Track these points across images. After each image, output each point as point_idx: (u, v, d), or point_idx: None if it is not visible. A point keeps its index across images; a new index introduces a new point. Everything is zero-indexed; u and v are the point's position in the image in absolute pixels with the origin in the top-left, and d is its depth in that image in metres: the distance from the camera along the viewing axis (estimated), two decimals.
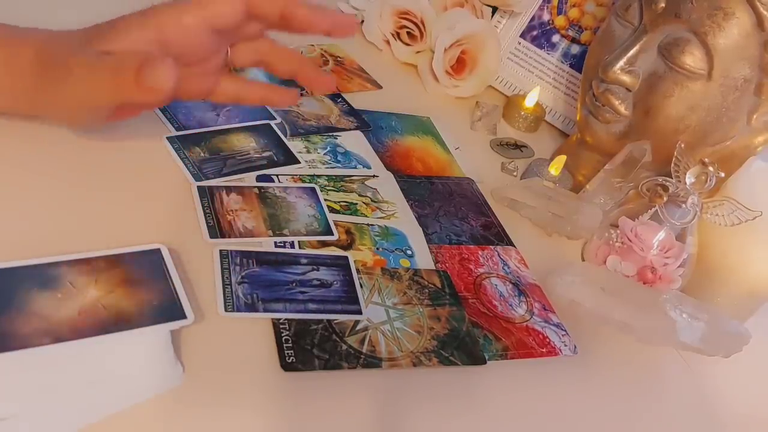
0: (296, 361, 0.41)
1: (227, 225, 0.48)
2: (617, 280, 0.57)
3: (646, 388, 0.53)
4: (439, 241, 0.55)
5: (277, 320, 0.43)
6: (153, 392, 0.37)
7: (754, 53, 0.57)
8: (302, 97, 0.65)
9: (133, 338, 0.38)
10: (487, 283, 0.53)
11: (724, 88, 0.59)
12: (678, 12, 0.58)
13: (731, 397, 0.57)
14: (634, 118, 0.63)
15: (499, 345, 0.48)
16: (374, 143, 0.63)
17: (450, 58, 0.75)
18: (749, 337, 0.54)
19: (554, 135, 0.79)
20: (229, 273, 0.45)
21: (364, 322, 0.45)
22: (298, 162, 0.57)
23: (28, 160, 0.47)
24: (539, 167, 0.67)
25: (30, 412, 0.34)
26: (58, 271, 0.39)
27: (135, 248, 0.43)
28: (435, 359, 0.45)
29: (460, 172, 0.65)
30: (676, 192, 0.58)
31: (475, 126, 0.74)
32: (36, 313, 0.37)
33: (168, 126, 0.55)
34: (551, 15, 0.79)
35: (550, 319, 0.52)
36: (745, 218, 0.56)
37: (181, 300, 0.40)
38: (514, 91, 0.81)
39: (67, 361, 0.36)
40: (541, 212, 0.62)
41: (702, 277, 0.60)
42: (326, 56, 0.74)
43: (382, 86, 0.73)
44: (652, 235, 0.57)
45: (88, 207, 0.46)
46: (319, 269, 0.48)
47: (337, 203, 0.54)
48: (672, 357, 0.56)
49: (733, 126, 0.62)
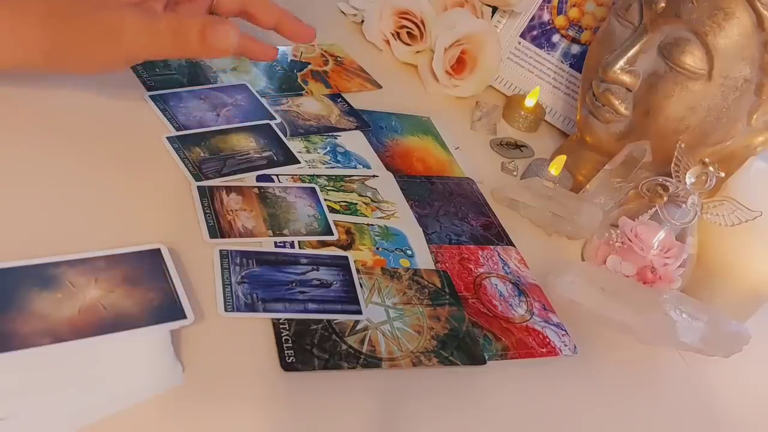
0: (296, 361, 0.41)
1: (227, 225, 0.48)
2: (617, 280, 0.56)
3: (646, 388, 0.53)
4: (439, 241, 0.55)
5: (277, 320, 0.43)
6: (153, 392, 0.37)
7: (754, 53, 0.57)
8: (302, 97, 0.65)
9: (133, 338, 0.38)
10: (487, 283, 0.53)
11: (725, 88, 0.59)
12: (678, 12, 0.58)
13: (731, 397, 0.57)
14: (634, 118, 0.63)
15: (499, 345, 0.48)
16: (374, 143, 0.63)
17: (450, 58, 0.75)
18: (749, 337, 0.54)
19: (554, 135, 0.79)
20: (229, 273, 0.45)
21: (364, 322, 0.45)
22: (298, 162, 0.57)
23: (28, 160, 0.47)
24: (539, 167, 0.67)
25: (30, 412, 0.34)
26: (58, 271, 0.39)
27: (135, 248, 0.43)
28: (435, 359, 0.45)
29: (460, 172, 0.65)
30: (676, 192, 0.58)
31: (475, 126, 0.74)
32: (36, 313, 0.37)
33: (168, 126, 0.55)
34: (551, 15, 0.79)
35: (550, 319, 0.52)
36: (745, 218, 0.56)
37: (181, 300, 0.40)
38: (514, 91, 0.81)
39: (67, 361, 0.36)
40: (541, 212, 0.62)
41: (702, 277, 0.60)
42: (326, 56, 0.74)
43: (382, 86, 0.73)
44: (652, 235, 0.57)
45: (88, 207, 0.46)
46: (319, 269, 0.48)
47: (337, 203, 0.54)
48: (672, 357, 0.56)
49: (733, 126, 0.62)
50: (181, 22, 0.47)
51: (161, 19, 0.47)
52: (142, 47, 0.47)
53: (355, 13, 0.82)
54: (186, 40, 0.47)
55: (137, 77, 0.59)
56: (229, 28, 0.47)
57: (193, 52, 0.47)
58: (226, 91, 0.61)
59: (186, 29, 0.46)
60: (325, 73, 0.71)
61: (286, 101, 0.64)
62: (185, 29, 0.46)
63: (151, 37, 0.47)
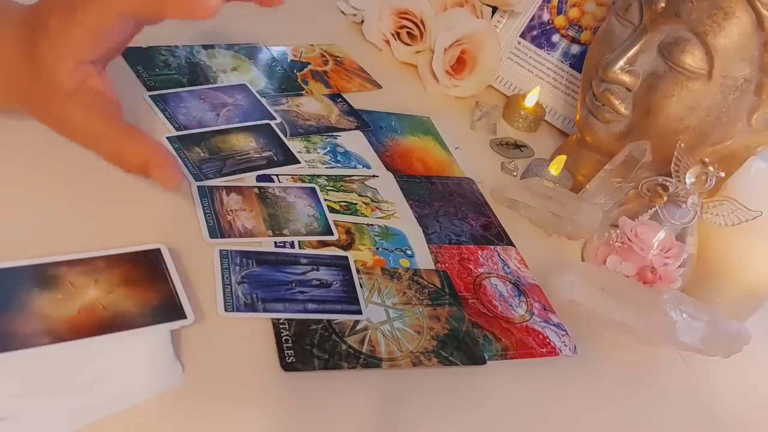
0: (296, 361, 0.41)
1: (227, 225, 0.48)
2: (617, 280, 0.56)
3: (646, 388, 0.53)
4: (439, 241, 0.55)
5: (277, 320, 0.43)
6: (153, 392, 0.37)
7: (754, 53, 0.57)
8: (303, 96, 0.65)
9: (133, 338, 0.38)
10: (487, 283, 0.53)
11: (724, 88, 0.59)
12: (678, 12, 0.58)
13: (731, 397, 0.57)
14: (634, 118, 0.63)
15: (499, 345, 0.48)
16: (374, 143, 0.63)
17: (450, 58, 0.75)
18: (749, 337, 0.54)
19: (554, 135, 0.79)
20: (229, 273, 0.45)
21: (363, 322, 0.45)
22: (297, 162, 0.57)
23: (28, 160, 0.47)
24: (539, 167, 0.67)
25: (30, 412, 0.34)
26: (58, 271, 0.39)
27: (135, 248, 0.43)
28: (435, 359, 0.45)
29: (460, 172, 0.65)
30: (676, 192, 0.58)
31: (475, 126, 0.74)
32: (36, 313, 0.37)
33: (168, 126, 0.55)
34: (551, 15, 0.79)
35: (550, 319, 0.52)
36: (745, 218, 0.56)
37: (181, 300, 0.40)
38: (514, 91, 0.81)
39: (66, 360, 0.36)
40: (541, 212, 0.62)
41: (702, 277, 0.60)
42: (326, 56, 0.74)
43: (382, 86, 0.73)
44: (652, 235, 0.57)
45: (88, 207, 0.46)
46: (319, 269, 0.48)
47: (337, 203, 0.54)
48: (672, 357, 0.56)
49: (733, 126, 0.62)
50: (123, 150, 0.44)
51: (102, 140, 0.44)
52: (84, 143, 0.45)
53: (354, 13, 0.82)
54: (127, 166, 0.44)
55: (137, 77, 0.59)
56: (169, 175, 0.43)
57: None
58: (226, 91, 0.61)
59: (128, 158, 0.44)
60: (325, 73, 0.71)
61: (286, 101, 0.64)
62: (127, 158, 0.44)
63: (93, 146, 0.44)
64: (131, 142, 0.44)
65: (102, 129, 0.44)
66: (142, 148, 0.44)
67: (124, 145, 0.44)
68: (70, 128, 0.45)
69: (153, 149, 0.44)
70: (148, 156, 0.44)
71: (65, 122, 0.44)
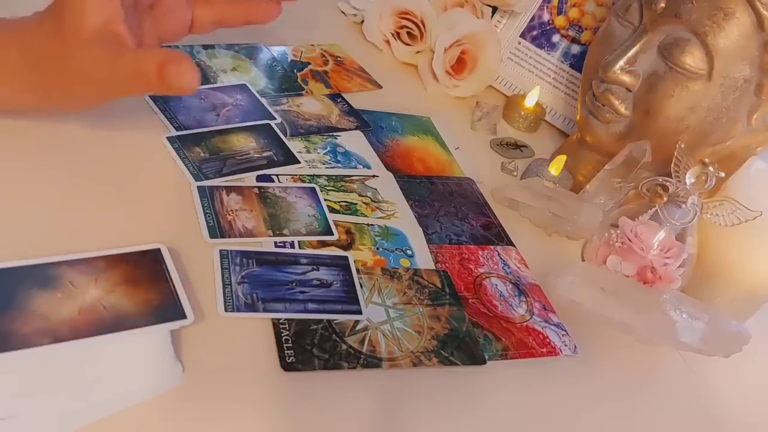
0: (296, 361, 0.41)
1: (227, 225, 0.48)
2: (617, 280, 0.56)
3: (646, 388, 0.53)
4: (439, 241, 0.55)
5: (277, 320, 0.43)
6: (153, 392, 0.37)
7: (754, 53, 0.57)
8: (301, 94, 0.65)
9: (133, 338, 0.38)
10: (487, 283, 0.53)
11: (724, 88, 0.59)
12: (678, 12, 0.58)
13: (731, 397, 0.57)
14: (634, 118, 0.63)
15: (499, 345, 0.48)
16: (374, 143, 0.63)
17: (450, 58, 0.75)
18: (749, 337, 0.54)
19: (554, 135, 0.79)
20: (229, 273, 0.45)
21: (364, 322, 0.45)
22: (298, 162, 0.57)
23: (28, 161, 0.47)
24: (539, 167, 0.67)
25: (30, 412, 0.34)
26: (58, 271, 0.39)
27: (135, 248, 0.43)
28: (435, 359, 0.45)
29: (460, 172, 0.65)
30: (676, 192, 0.58)
31: (475, 126, 0.74)
32: (36, 313, 0.37)
33: (168, 126, 0.55)
34: (551, 15, 0.79)
35: (550, 319, 0.52)
36: (745, 218, 0.56)
37: (181, 300, 0.40)
38: (514, 91, 0.81)
39: (67, 360, 0.36)
40: (541, 212, 0.62)
41: (702, 277, 0.60)
42: (326, 56, 0.74)
43: (382, 86, 0.73)
44: (652, 235, 0.57)
45: (88, 207, 0.46)
46: (319, 269, 0.48)
47: (337, 203, 0.54)
48: (672, 357, 0.56)
49: (733, 126, 0.62)
50: (140, 60, 0.44)
51: (120, 62, 0.44)
52: (107, 92, 0.46)
53: (355, 13, 0.82)
54: (146, 80, 0.44)
55: None
56: (186, 68, 0.43)
57: (155, 90, 0.44)
58: (226, 91, 0.61)
59: (146, 68, 0.44)
60: (325, 73, 0.71)
61: (286, 101, 0.64)
62: (145, 68, 0.44)
63: (114, 82, 0.45)
64: (145, 52, 0.45)
65: (119, 55, 0.44)
66: (156, 51, 0.44)
67: (141, 58, 0.44)
68: (91, 67, 0.44)
69: (166, 50, 0.44)
70: (162, 56, 0.43)
71: (85, 62, 0.44)
